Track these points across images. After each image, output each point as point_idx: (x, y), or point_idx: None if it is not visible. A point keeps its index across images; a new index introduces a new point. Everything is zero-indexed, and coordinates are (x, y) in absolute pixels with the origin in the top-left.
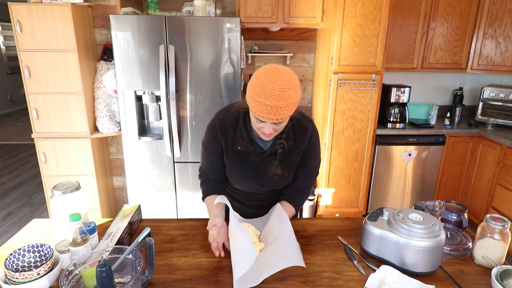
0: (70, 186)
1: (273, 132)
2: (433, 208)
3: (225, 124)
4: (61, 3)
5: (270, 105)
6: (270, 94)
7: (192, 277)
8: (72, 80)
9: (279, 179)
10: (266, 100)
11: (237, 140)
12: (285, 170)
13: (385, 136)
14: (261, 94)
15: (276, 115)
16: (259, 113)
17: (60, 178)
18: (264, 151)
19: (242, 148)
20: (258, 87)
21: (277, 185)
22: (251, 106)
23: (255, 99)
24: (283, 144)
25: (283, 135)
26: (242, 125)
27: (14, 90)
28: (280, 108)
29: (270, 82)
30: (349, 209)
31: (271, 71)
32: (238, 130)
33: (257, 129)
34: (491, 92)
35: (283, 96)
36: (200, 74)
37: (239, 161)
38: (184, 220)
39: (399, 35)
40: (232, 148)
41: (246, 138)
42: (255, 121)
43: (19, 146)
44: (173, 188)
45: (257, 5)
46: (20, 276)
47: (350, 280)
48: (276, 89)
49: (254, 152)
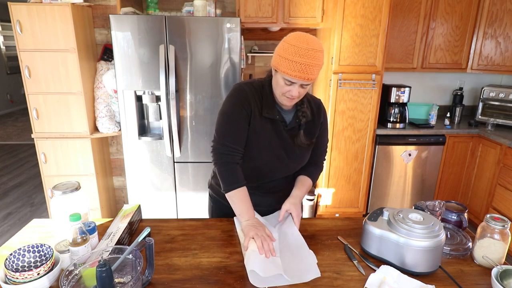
0: (70, 186)
1: (297, 96)
2: (433, 208)
3: (253, 88)
4: (61, 3)
5: (303, 63)
6: (303, 53)
7: (192, 277)
8: (72, 80)
9: (300, 153)
10: (299, 58)
11: (264, 107)
12: (311, 140)
13: (385, 136)
14: (295, 53)
15: (307, 74)
16: (292, 72)
17: (60, 178)
18: (286, 123)
19: (268, 115)
20: (291, 47)
21: (296, 160)
22: (283, 66)
23: (288, 58)
24: (306, 113)
25: (304, 104)
26: (268, 92)
27: (14, 90)
28: (312, 66)
29: (303, 43)
30: (349, 209)
31: (302, 35)
32: (264, 96)
33: (281, 94)
34: (491, 92)
35: (315, 56)
36: (200, 74)
37: (264, 127)
38: (184, 220)
39: (399, 35)
40: (261, 114)
41: (272, 105)
42: (282, 84)
43: (19, 146)
44: (173, 188)
45: (257, 5)
46: (20, 276)
47: (350, 280)
48: (309, 49)
49: (279, 121)
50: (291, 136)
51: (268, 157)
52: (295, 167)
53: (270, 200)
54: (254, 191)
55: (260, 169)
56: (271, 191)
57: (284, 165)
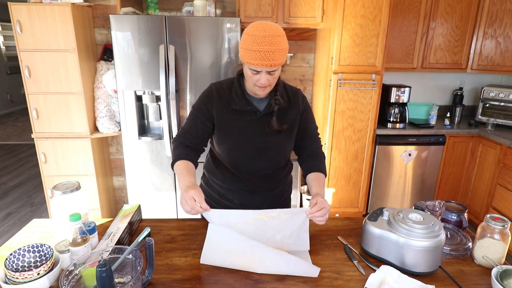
0: (70, 186)
1: (267, 84)
2: (433, 208)
3: (221, 87)
4: (61, 3)
5: (262, 51)
6: (261, 41)
7: (192, 277)
8: (72, 80)
9: (276, 142)
10: (258, 47)
11: (233, 100)
12: (283, 125)
13: (385, 136)
14: (253, 42)
15: (269, 61)
16: (254, 61)
17: (60, 178)
18: (259, 111)
19: (237, 106)
20: (249, 38)
21: (273, 150)
22: (246, 57)
23: (248, 49)
24: (279, 100)
25: (278, 92)
26: (237, 86)
27: (14, 90)
28: (273, 52)
29: (260, 31)
30: (349, 209)
31: (259, 23)
32: (233, 90)
33: (253, 85)
34: (491, 92)
35: (274, 41)
36: (200, 74)
37: (235, 121)
38: (184, 220)
39: (399, 35)
40: (229, 107)
41: (241, 97)
42: (250, 75)
43: (19, 146)
44: (173, 188)
45: (257, 5)
46: (20, 276)
47: (350, 280)
48: (266, 36)
49: (250, 111)
50: (265, 124)
51: (243, 148)
52: (274, 157)
53: (256, 200)
54: (240, 190)
55: (239, 162)
56: (256, 189)
57: (262, 155)
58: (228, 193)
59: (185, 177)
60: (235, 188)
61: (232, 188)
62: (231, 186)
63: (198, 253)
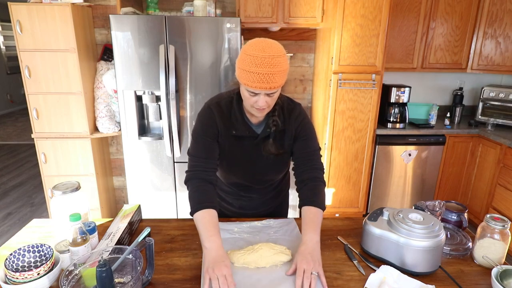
0: (70, 186)
1: (266, 106)
2: (433, 208)
3: (220, 108)
4: (61, 3)
5: (262, 73)
6: (260, 62)
7: (192, 277)
8: (72, 80)
9: (274, 164)
10: (257, 68)
11: (232, 124)
12: (279, 150)
13: (385, 136)
14: (252, 63)
15: (268, 83)
16: (252, 84)
17: (60, 178)
18: (257, 135)
19: (237, 132)
20: (248, 58)
21: (271, 172)
22: (243, 79)
23: (246, 70)
24: (276, 121)
25: (275, 112)
26: (236, 109)
27: (14, 90)
28: (272, 75)
29: (259, 51)
30: (349, 209)
31: (258, 42)
32: (232, 114)
33: (250, 106)
34: (491, 92)
35: (273, 63)
36: (200, 74)
37: (234, 146)
38: (184, 220)
39: (399, 35)
40: (228, 133)
41: (241, 122)
42: (248, 96)
43: (19, 146)
44: (173, 188)
45: (257, 5)
46: (20, 276)
47: (350, 280)
48: (266, 57)
49: (249, 136)
50: (262, 148)
51: (241, 171)
52: (274, 176)
53: (254, 204)
54: (239, 198)
55: (236, 181)
56: (254, 197)
57: (262, 176)
58: (228, 197)
59: (213, 237)
60: (234, 196)
61: (230, 196)
62: (229, 194)
63: (198, 253)
